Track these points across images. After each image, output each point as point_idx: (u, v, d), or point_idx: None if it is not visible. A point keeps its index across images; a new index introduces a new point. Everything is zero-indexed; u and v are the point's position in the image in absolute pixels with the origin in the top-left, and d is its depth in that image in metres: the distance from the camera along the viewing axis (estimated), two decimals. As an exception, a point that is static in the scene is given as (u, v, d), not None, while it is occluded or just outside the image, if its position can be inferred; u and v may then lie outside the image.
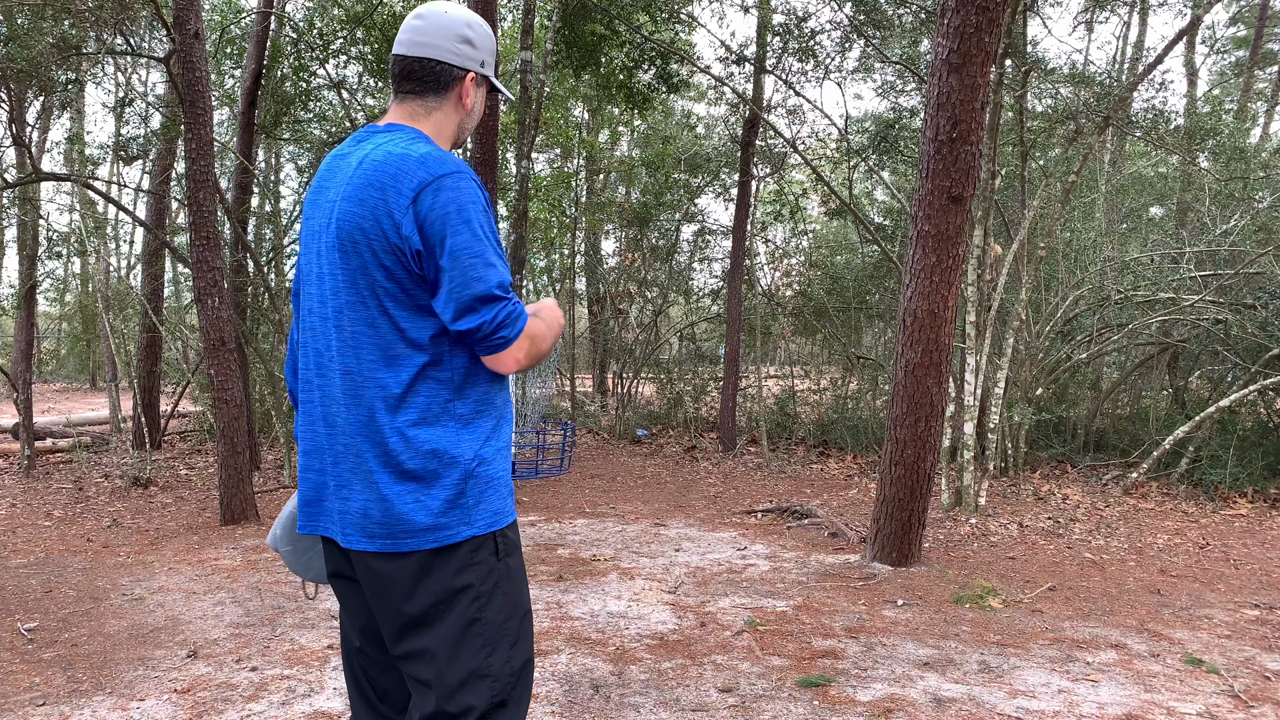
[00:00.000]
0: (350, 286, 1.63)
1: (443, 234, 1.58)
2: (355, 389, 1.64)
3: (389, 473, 1.62)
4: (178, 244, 10.71)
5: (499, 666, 1.66)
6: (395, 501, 1.61)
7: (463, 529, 1.63)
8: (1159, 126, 8.09)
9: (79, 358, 21.76)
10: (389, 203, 1.59)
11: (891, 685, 3.33)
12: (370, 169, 1.62)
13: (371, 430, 1.63)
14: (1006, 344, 7.49)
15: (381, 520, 1.62)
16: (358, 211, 1.61)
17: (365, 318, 1.62)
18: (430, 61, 1.71)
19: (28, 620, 4.17)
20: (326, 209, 1.69)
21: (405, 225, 1.58)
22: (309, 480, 1.74)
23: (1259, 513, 7.10)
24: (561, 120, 14.49)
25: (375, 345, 1.63)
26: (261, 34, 8.64)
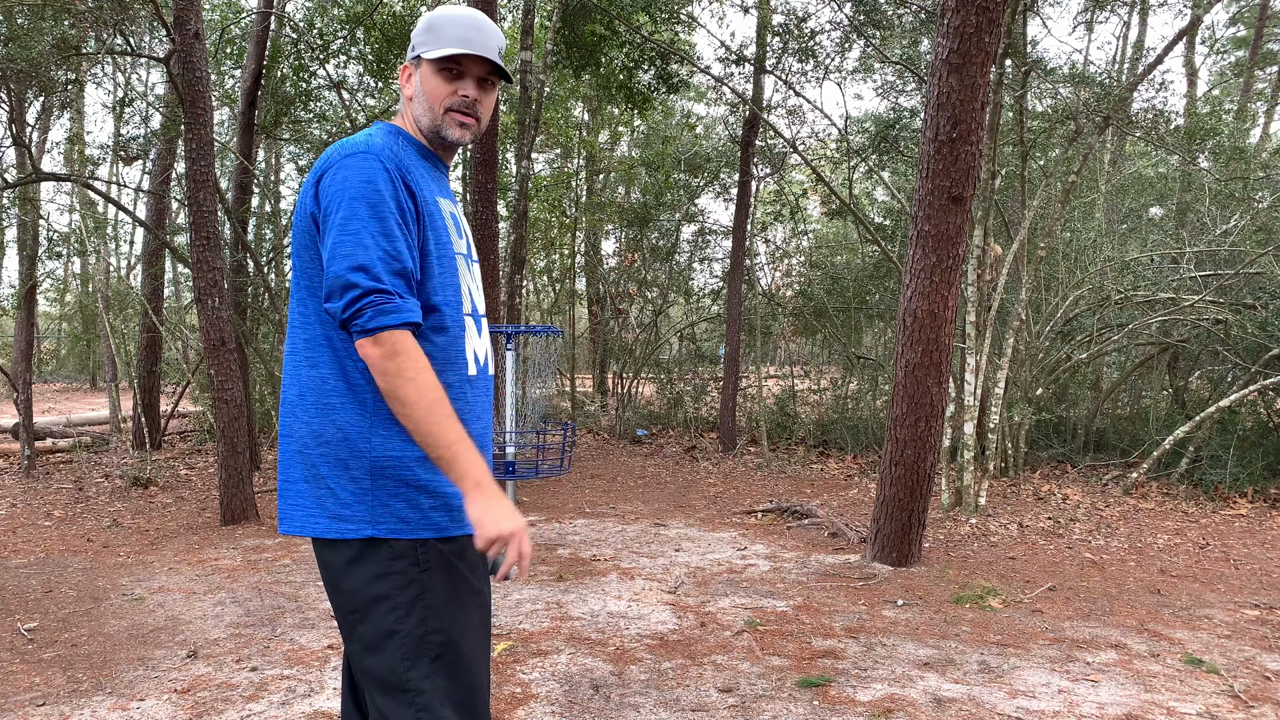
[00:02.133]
0: (294, 269, 1.66)
1: (329, 208, 1.55)
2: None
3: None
4: (178, 244, 10.72)
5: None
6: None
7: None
8: (1159, 126, 8.09)
9: (79, 358, 21.77)
10: (309, 187, 1.61)
11: (891, 685, 3.33)
12: (318, 166, 1.65)
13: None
14: (1006, 344, 7.49)
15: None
16: (300, 199, 1.65)
17: (298, 298, 1.65)
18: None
19: (28, 620, 4.17)
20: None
21: (314, 208, 1.59)
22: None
23: (1259, 513, 7.10)
24: (561, 120, 14.49)
25: (312, 320, 1.64)
26: (261, 34, 8.63)
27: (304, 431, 1.62)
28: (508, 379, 5.23)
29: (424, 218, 1.62)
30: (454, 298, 1.66)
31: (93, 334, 15.95)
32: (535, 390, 5.72)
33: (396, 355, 1.50)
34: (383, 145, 1.61)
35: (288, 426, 1.65)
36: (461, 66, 1.67)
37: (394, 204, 1.56)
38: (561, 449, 5.38)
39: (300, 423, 1.62)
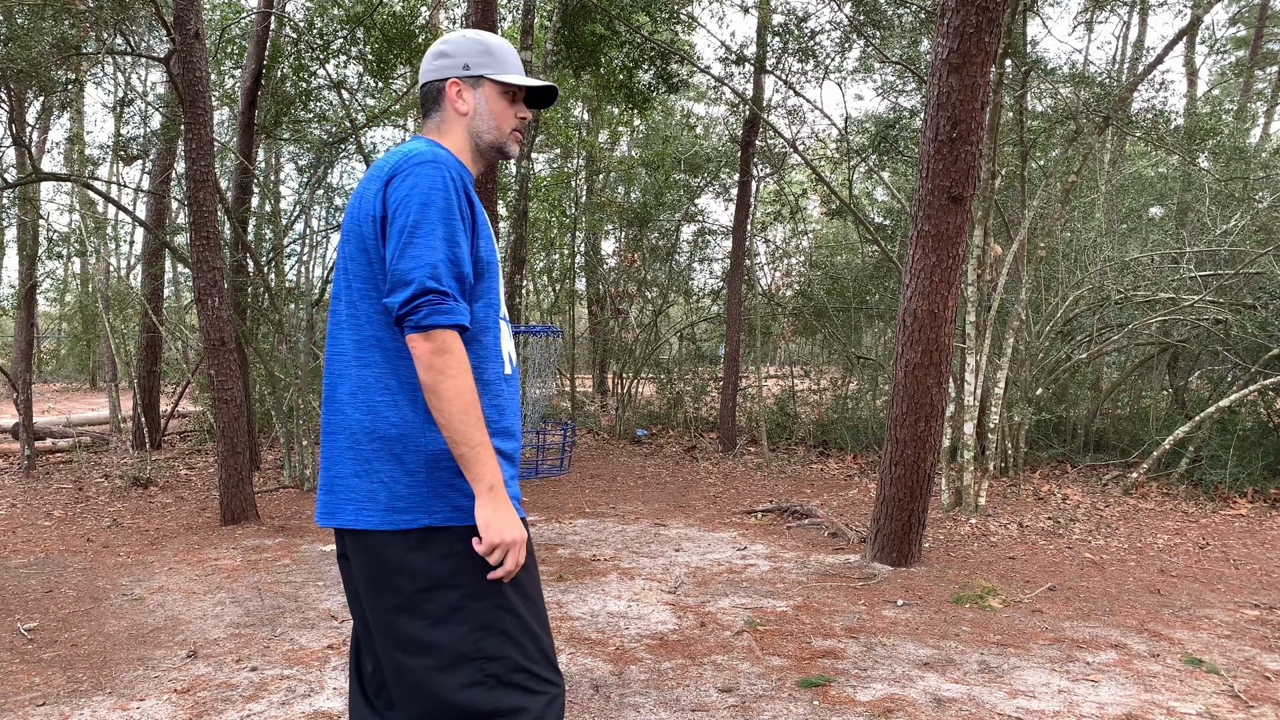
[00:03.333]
0: (355, 272, 1.72)
1: (396, 213, 1.64)
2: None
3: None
4: (178, 244, 10.72)
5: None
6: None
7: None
8: (1159, 126, 8.09)
9: (79, 358, 21.77)
10: (371, 191, 1.69)
11: (891, 685, 3.33)
12: (372, 168, 1.75)
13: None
14: (1006, 344, 7.49)
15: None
16: (353, 205, 1.74)
17: (359, 298, 1.72)
18: (423, 86, 1.87)
19: (28, 620, 4.17)
20: (350, 208, 1.79)
21: (378, 210, 1.67)
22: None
23: (1259, 513, 7.10)
24: (561, 120, 14.49)
25: (369, 322, 1.72)
26: (261, 34, 8.63)
27: (356, 428, 1.70)
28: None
29: (478, 225, 1.74)
30: (495, 301, 1.78)
31: (93, 334, 15.95)
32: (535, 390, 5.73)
33: (444, 353, 1.60)
34: (448, 156, 1.71)
35: (336, 424, 1.73)
36: (520, 92, 1.87)
37: (458, 212, 1.67)
38: (561, 449, 5.39)
39: (351, 420, 1.70)
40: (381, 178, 1.68)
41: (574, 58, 9.97)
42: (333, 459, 1.73)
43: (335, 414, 1.73)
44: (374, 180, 1.70)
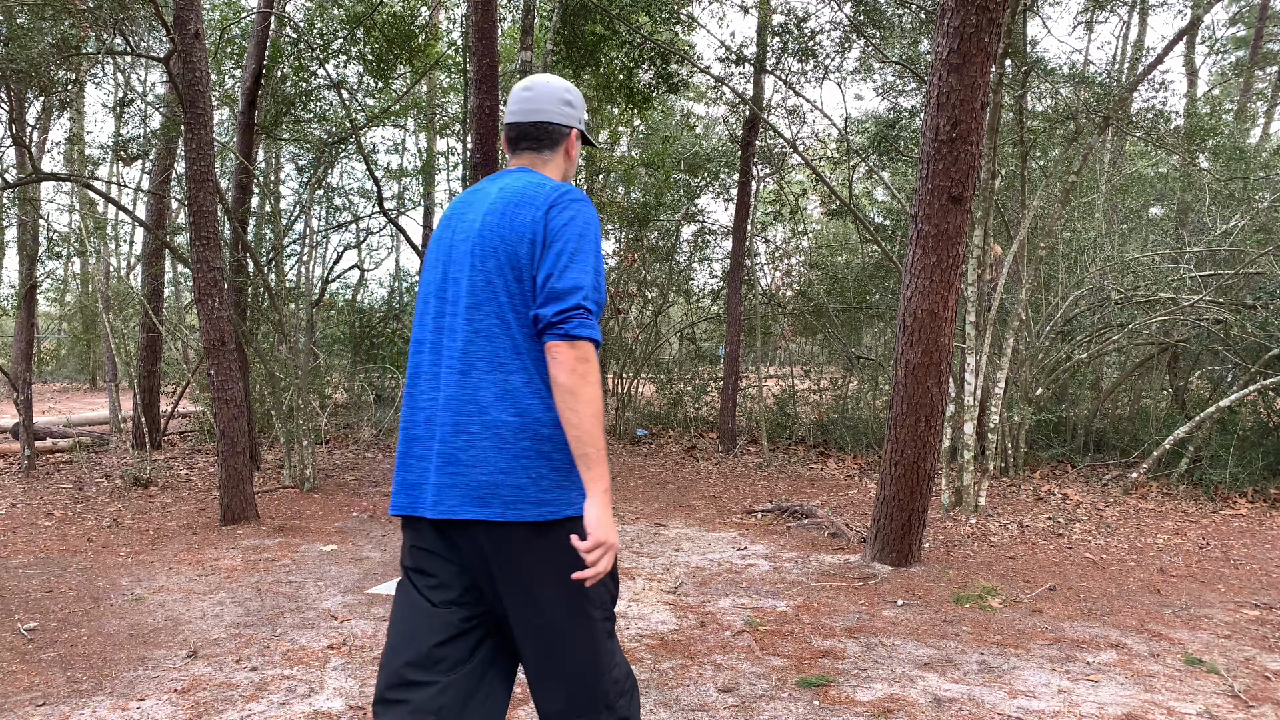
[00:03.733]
0: (501, 287, 1.88)
1: (556, 237, 1.85)
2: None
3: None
4: (178, 244, 10.72)
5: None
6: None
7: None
8: (1159, 126, 8.09)
9: (79, 358, 21.78)
10: (525, 215, 1.88)
11: (891, 685, 3.33)
12: (512, 192, 1.93)
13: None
14: (1006, 344, 7.49)
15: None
16: (499, 224, 1.90)
17: (507, 313, 1.88)
18: (544, 124, 2.05)
19: (28, 620, 4.17)
20: (468, 226, 1.96)
21: (537, 229, 1.87)
22: (412, 468, 1.96)
23: (1259, 513, 7.10)
24: (561, 120, 14.46)
25: (515, 335, 1.89)
26: (261, 34, 8.63)
27: (504, 429, 1.84)
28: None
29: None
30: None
31: (93, 334, 15.95)
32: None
33: (585, 361, 1.79)
34: (584, 193, 1.97)
35: (478, 424, 1.85)
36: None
37: (599, 248, 1.92)
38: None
39: (498, 421, 1.84)
40: (539, 206, 1.88)
41: (574, 58, 9.97)
42: (469, 457, 1.84)
43: (474, 414, 1.85)
44: (526, 207, 1.89)
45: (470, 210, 1.99)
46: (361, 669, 3.49)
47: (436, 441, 1.88)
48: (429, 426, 1.92)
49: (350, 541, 5.96)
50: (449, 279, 1.96)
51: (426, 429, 1.92)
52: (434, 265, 2.02)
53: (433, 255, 2.04)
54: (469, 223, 1.96)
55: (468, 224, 1.96)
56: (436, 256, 2.03)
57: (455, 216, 2.02)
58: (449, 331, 1.92)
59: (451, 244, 1.98)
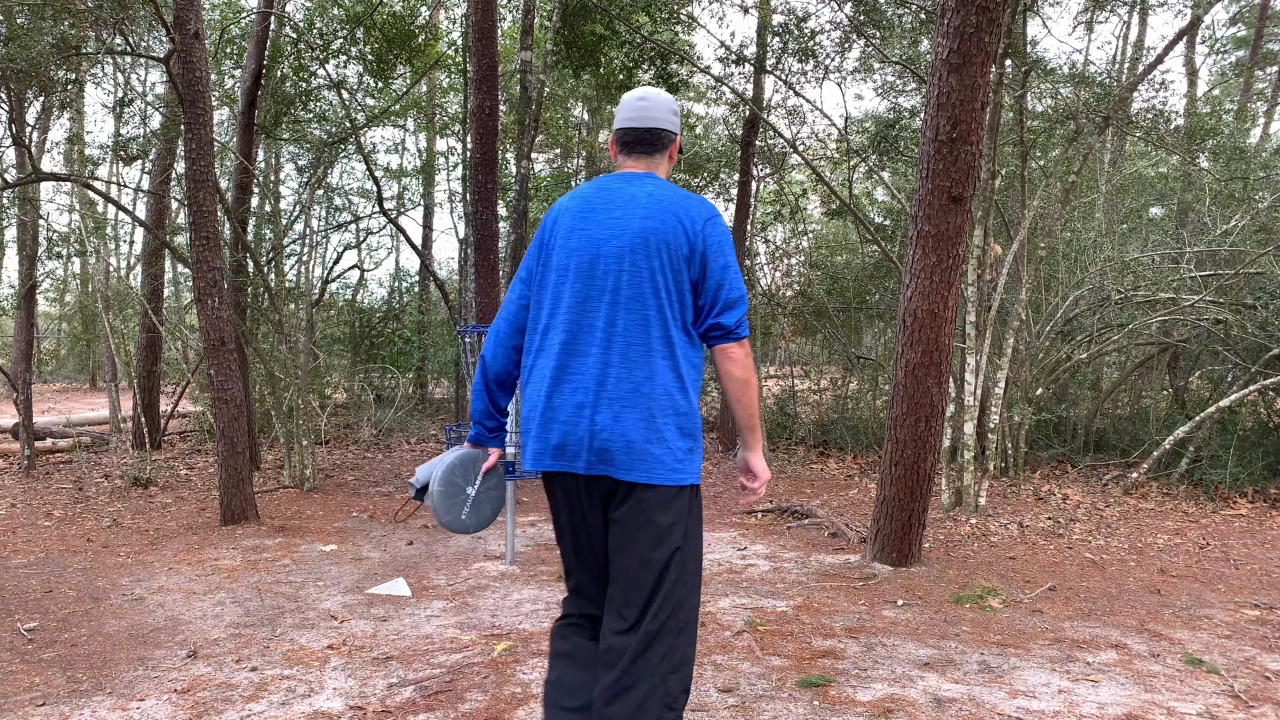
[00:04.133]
0: (657, 281, 2.19)
1: (718, 251, 2.21)
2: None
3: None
4: (178, 244, 10.72)
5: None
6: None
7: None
8: (1159, 126, 8.09)
9: (79, 358, 21.78)
10: (686, 224, 2.20)
11: (891, 685, 3.33)
12: (667, 200, 2.23)
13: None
14: (1006, 344, 7.49)
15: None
16: (662, 228, 2.19)
17: (661, 303, 2.20)
18: (657, 130, 2.35)
19: (28, 620, 4.17)
20: (614, 224, 2.23)
21: (697, 240, 2.20)
22: (563, 428, 2.25)
23: (1259, 513, 7.10)
24: (561, 120, 14.49)
25: (668, 324, 2.20)
26: (261, 34, 8.63)
27: (654, 407, 2.17)
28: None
29: None
30: None
31: (93, 334, 15.95)
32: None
33: (749, 355, 2.27)
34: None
35: (630, 399, 2.16)
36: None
37: None
38: (561, 449, 5.37)
39: (649, 399, 2.17)
40: (696, 218, 2.21)
41: (574, 58, 9.97)
42: (621, 426, 2.16)
43: (629, 391, 2.17)
44: (685, 217, 2.21)
45: (615, 209, 2.24)
46: (361, 669, 3.49)
47: (589, 410, 2.17)
48: (576, 397, 2.20)
49: (350, 541, 5.96)
50: (598, 269, 2.21)
51: (573, 399, 2.20)
52: (572, 253, 2.24)
53: (568, 243, 2.26)
54: (618, 221, 2.22)
55: (616, 222, 2.22)
56: (573, 245, 2.25)
57: (594, 213, 2.25)
58: (600, 315, 2.20)
59: (598, 239, 2.22)
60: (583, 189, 2.34)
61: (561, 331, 2.23)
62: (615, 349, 2.18)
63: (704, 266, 2.20)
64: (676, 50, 10.40)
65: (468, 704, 3.13)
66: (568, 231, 2.27)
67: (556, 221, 2.32)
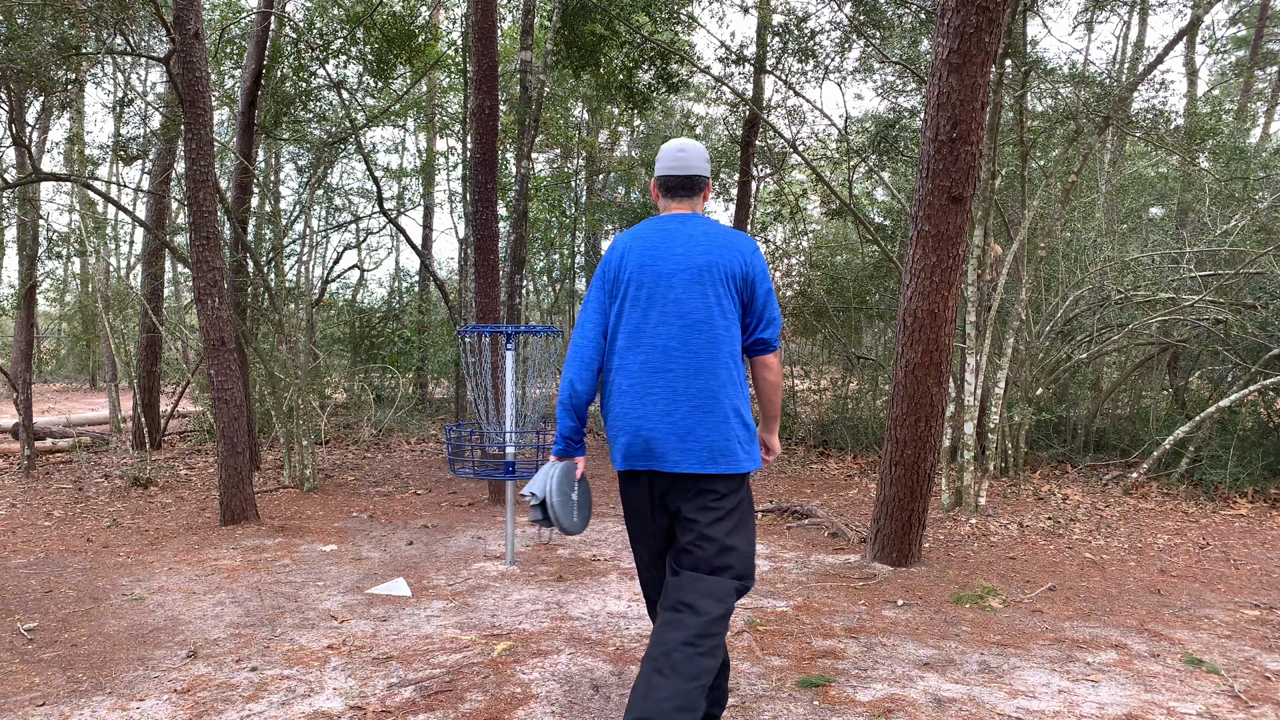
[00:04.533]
0: (718, 305, 2.63)
1: (761, 279, 2.67)
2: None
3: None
4: (178, 244, 10.71)
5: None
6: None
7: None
8: (1159, 126, 8.08)
9: (79, 358, 21.78)
10: (738, 257, 2.64)
11: (891, 685, 3.33)
12: (720, 237, 2.67)
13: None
14: (1006, 344, 7.48)
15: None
16: (721, 261, 2.63)
17: (722, 323, 2.63)
18: (696, 177, 2.77)
19: (28, 620, 4.17)
20: (679, 258, 2.64)
21: (748, 270, 2.65)
22: (645, 437, 2.66)
23: (1259, 513, 7.10)
24: (561, 120, 14.49)
25: (728, 340, 2.63)
26: (261, 34, 8.63)
27: (727, 409, 2.60)
28: (508, 379, 5.22)
29: None
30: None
31: (93, 334, 15.95)
32: (535, 390, 5.73)
33: (780, 362, 2.77)
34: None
35: (709, 406, 2.59)
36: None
37: None
38: (561, 449, 5.37)
39: (723, 403, 2.60)
40: (744, 251, 2.66)
41: (574, 58, 9.97)
42: (696, 430, 2.58)
43: (707, 398, 2.59)
44: (736, 251, 2.65)
45: (676, 246, 2.66)
46: (361, 669, 3.49)
47: (677, 418, 2.59)
48: (659, 406, 2.61)
49: (350, 541, 5.96)
50: (670, 297, 2.63)
51: (656, 408, 2.61)
52: (644, 285, 2.66)
53: (640, 276, 2.67)
54: (680, 256, 2.65)
55: (678, 257, 2.65)
56: (645, 278, 2.66)
57: (659, 249, 2.67)
58: (674, 334, 2.62)
59: (666, 272, 2.64)
60: (641, 229, 2.74)
61: (642, 351, 2.63)
62: (690, 365, 2.60)
63: (752, 291, 2.65)
64: (676, 50, 10.40)
65: (468, 704, 3.13)
66: (638, 266, 2.67)
67: (623, 258, 2.70)
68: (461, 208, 13.12)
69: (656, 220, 2.77)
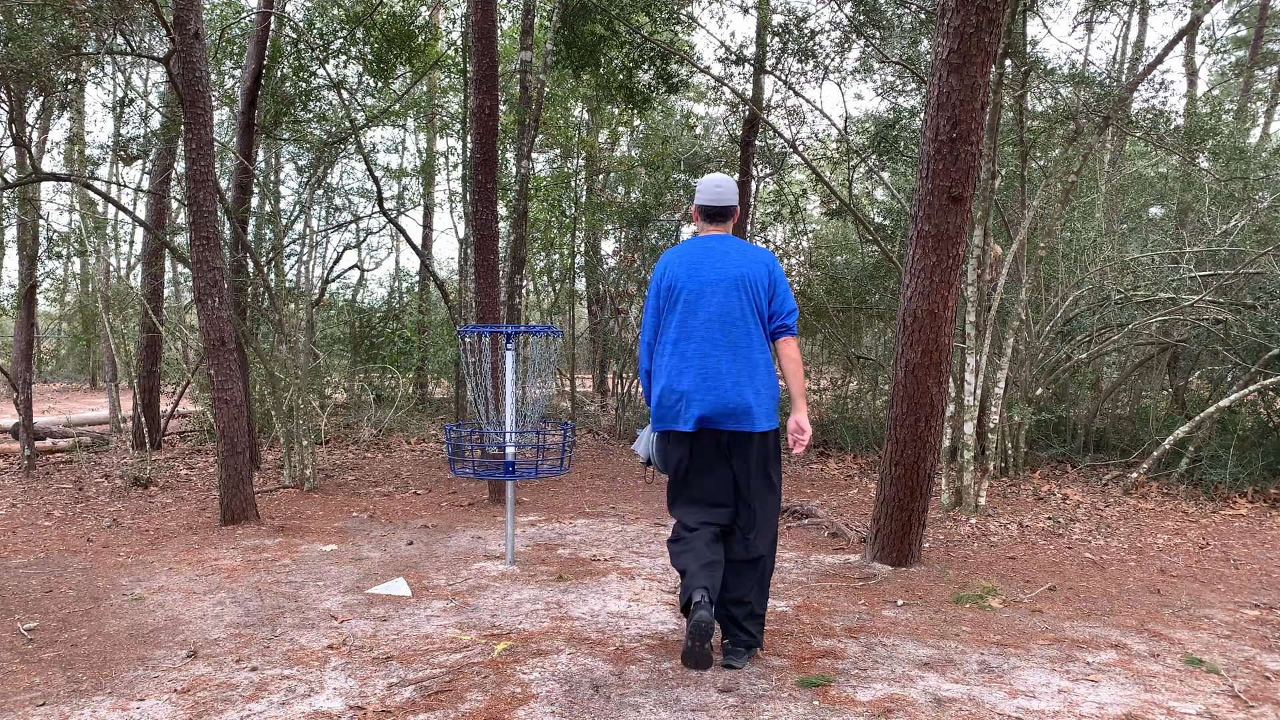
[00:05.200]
0: (747, 307, 3.45)
1: (781, 281, 3.49)
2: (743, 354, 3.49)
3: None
4: (178, 244, 10.71)
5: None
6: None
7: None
8: (1159, 126, 8.08)
9: (79, 358, 21.78)
10: (761, 268, 3.47)
11: (891, 685, 3.33)
12: (748, 253, 3.49)
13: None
14: (1006, 344, 7.49)
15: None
16: (749, 273, 3.45)
17: (754, 320, 3.45)
18: (730, 207, 3.58)
19: (28, 620, 4.17)
20: (718, 270, 3.44)
21: (769, 277, 3.48)
22: (698, 402, 3.42)
23: (1259, 513, 7.11)
24: (561, 120, 14.49)
25: (759, 333, 3.47)
26: (261, 34, 8.63)
27: (762, 384, 3.42)
28: (507, 379, 5.23)
29: None
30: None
31: (93, 334, 15.95)
32: (535, 390, 5.73)
33: (798, 345, 3.56)
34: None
35: (747, 380, 3.40)
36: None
37: None
38: (561, 449, 5.38)
39: (761, 378, 3.42)
40: (765, 263, 3.47)
41: (574, 58, 9.97)
42: (742, 397, 3.38)
43: (750, 374, 3.40)
44: (760, 263, 3.46)
45: (713, 260, 3.45)
46: (361, 669, 3.49)
47: (723, 389, 3.37)
48: (707, 380, 3.39)
49: (350, 541, 5.96)
50: (710, 300, 3.43)
51: (703, 381, 3.39)
52: (693, 291, 3.45)
53: (689, 285, 3.45)
54: (717, 269, 3.44)
55: (716, 270, 3.44)
56: (690, 286, 3.45)
57: (699, 264, 3.46)
58: (718, 329, 3.41)
59: (709, 282, 3.43)
60: (685, 247, 3.54)
61: (692, 342, 3.43)
62: (738, 350, 3.41)
63: (774, 290, 3.46)
64: (676, 50, 10.40)
65: (468, 704, 3.13)
66: (687, 276, 3.47)
67: (668, 269, 3.51)
68: (461, 208, 13.13)
69: (700, 239, 3.53)
